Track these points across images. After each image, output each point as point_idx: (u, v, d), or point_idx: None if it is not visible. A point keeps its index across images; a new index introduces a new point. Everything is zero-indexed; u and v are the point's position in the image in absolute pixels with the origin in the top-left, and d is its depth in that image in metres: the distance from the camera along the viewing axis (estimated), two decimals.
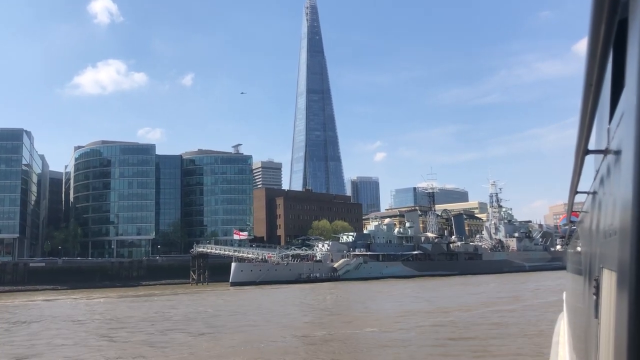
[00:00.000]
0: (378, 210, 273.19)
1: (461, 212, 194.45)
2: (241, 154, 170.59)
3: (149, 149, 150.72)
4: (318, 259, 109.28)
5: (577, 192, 5.26)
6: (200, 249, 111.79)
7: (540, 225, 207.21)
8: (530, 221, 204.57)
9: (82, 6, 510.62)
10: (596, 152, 3.47)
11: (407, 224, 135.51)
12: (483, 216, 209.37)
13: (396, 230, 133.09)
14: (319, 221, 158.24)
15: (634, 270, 1.72)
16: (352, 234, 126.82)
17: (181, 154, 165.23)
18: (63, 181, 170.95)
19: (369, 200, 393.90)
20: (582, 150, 3.58)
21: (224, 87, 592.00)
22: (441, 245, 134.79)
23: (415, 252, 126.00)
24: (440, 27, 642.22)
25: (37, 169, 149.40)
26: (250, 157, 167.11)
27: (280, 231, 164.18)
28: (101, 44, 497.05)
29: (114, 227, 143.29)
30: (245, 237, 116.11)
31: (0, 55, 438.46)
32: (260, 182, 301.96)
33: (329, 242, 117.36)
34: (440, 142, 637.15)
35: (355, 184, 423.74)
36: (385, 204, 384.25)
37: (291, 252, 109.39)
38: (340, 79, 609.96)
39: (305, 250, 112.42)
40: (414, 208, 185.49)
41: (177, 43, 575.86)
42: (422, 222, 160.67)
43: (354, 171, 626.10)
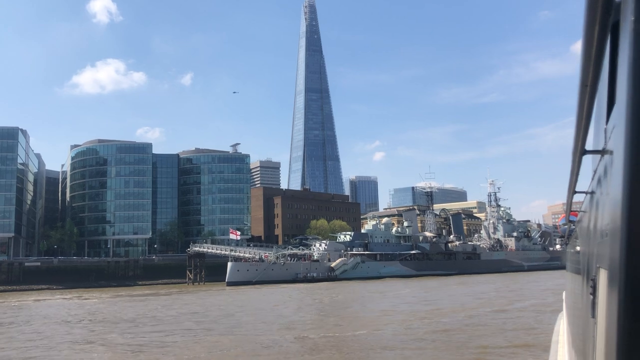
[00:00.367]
0: (377, 210, 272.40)
1: (459, 211, 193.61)
2: (239, 153, 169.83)
3: (145, 148, 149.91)
4: (315, 258, 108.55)
5: (576, 192, 5.34)
6: (197, 249, 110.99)
7: (539, 225, 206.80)
8: (529, 221, 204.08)
9: (82, 5, 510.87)
10: (593, 152, 3.48)
11: (405, 224, 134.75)
12: (481, 216, 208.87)
13: (394, 229, 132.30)
14: (316, 220, 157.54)
15: (624, 269, 1.76)
16: (349, 233, 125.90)
17: (178, 152, 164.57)
18: (60, 180, 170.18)
19: (368, 199, 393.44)
20: (580, 151, 3.60)
21: (223, 87, 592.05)
22: (439, 245, 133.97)
23: (413, 252, 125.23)
24: (440, 26, 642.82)
25: (34, 168, 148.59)
26: (247, 156, 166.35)
27: (278, 230, 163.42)
28: (100, 43, 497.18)
29: (110, 227, 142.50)
30: (241, 237, 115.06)
31: None
32: (258, 182, 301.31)
33: (326, 242, 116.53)
34: (439, 141, 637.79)
35: (353, 184, 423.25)
36: (384, 203, 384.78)
37: (288, 251, 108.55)
38: (339, 78, 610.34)
39: (303, 250, 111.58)
40: (412, 207, 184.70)
41: (176, 42, 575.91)
42: (420, 222, 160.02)
43: (352, 171, 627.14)
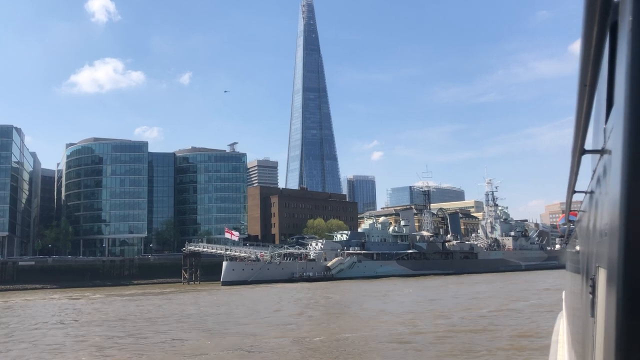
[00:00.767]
0: (374, 209, 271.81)
1: (457, 210, 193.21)
2: (235, 152, 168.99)
3: (141, 147, 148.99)
4: (311, 257, 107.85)
5: (575, 192, 5.30)
6: (192, 248, 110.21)
7: (537, 225, 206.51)
8: (527, 220, 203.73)
9: (80, 4, 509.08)
10: (593, 152, 3.48)
11: (402, 223, 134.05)
12: (479, 215, 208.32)
13: (391, 228, 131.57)
14: (314, 220, 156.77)
15: (623, 268, 1.77)
16: (346, 232, 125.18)
17: (175, 151, 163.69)
18: (55, 179, 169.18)
19: (366, 199, 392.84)
20: (579, 150, 3.59)
21: (221, 86, 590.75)
22: (436, 244, 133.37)
23: (410, 251, 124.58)
24: (438, 25, 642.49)
25: (29, 167, 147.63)
26: (244, 155, 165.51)
27: (275, 230, 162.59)
28: (98, 42, 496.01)
29: (105, 226, 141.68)
30: (236, 238, 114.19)
31: None
32: (256, 181, 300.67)
33: (322, 241, 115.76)
34: (437, 141, 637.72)
35: (351, 183, 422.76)
36: (382, 203, 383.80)
37: (284, 250, 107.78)
38: (337, 77, 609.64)
39: (299, 249, 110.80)
40: (410, 207, 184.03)
41: (175, 42, 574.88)
42: (417, 221, 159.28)
43: (350, 170, 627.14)
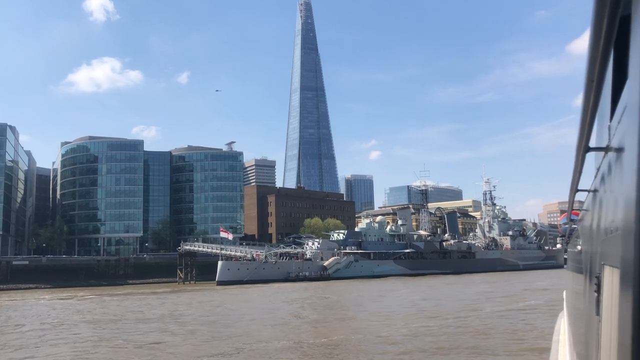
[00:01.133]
0: (372, 209, 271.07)
1: (455, 210, 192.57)
2: (232, 151, 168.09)
3: (137, 145, 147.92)
4: (308, 257, 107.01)
5: (578, 190, 5.20)
6: (188, 247, 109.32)
7: (535, 224, 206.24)
8: (525, 220, 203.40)
9: (78, 3, 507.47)
10: (597, 149, 3.45)
11: (400, 222, 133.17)
12: (477, 214, 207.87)
13: (388, 228, 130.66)
14: (311, 219, 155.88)
15: (638, 267, 1.73)
16: (342, 231, 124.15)
17: (171, 150, 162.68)
18: (51, 178, 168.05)
19: (363, 198, 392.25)
20: (583, 148, 3.54)
21: (219, 85, 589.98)
22: (434, 244, 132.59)
23: (408, 251, 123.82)
24: (436, 25, 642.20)
25: (24, 166, 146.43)
26: (241, 154, 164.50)
27: (272, 229, 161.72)
28: (96, 41, 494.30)
29: (101, 225, 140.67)
30: (231, 238, 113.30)
31: None
32: (254, 180, 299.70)
33: (319, 240, 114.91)
34: (435, 140, 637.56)
35: (349, 182, 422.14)
36: (380, 202, 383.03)
37: (280, 250, 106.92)
38: (335, 76, 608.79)
39: (295, 249, 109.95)
40: (407, 206, 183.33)
41: (173, 41, 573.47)
42: (415, 220, 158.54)
43: (348, 169, 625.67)
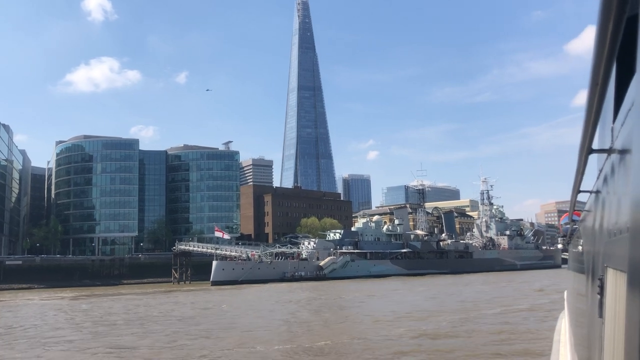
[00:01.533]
0: (369, 208, 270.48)
1: (452, 209, 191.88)
2: (228, 150, 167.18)
3: (132, 144, 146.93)
4: (304, 257, 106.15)
5: (580, 191, 5.19)
6: (183, 247, 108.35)
7: (532, 224, 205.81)
8: (522, 219, 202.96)
9: (76, 3, 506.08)
10: (600, 151, 3.47)
11: (396, 221, 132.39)
12: (474, 214, 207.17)
13: (385, 227, 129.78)
14: (307, 219, 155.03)
15: None
16: (339, 231, 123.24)
17: (166, 149, 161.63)
18: (46, 177, 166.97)
19: (361, 198, 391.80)
20: (586, 150, 3.54)
21: (217, 85, 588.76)
22: (431, 243, 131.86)
23: (404, 250, 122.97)
24: (434, 25, 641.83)
25: (18, 165, 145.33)
26: (237, 153, 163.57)
27: (268, 229, 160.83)
28: (95, 41, 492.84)
29: (96, 224, 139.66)
30: (228, 237, 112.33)
31: None
32: (251, 180, 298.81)
33: (315, 240, 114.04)
34: (432, 140, 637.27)
35: (346, 182, 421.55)
36: (377, 202, 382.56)
37: (275, 250, 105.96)
38: (333, 76, 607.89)
39: (291, 248, 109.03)
40: (404, 205, 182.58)
41: (171, 41, 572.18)
42: (412, 220, 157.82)
43: (346, 169, 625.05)
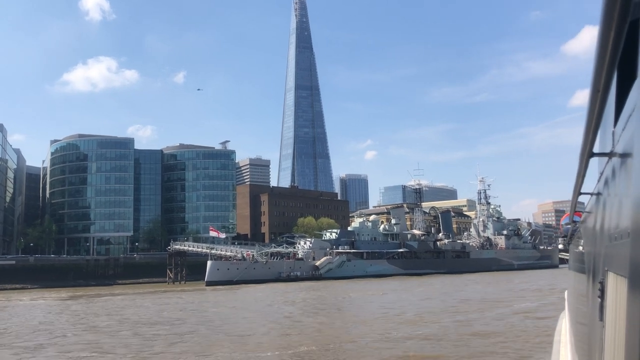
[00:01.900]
0: (367, 208, 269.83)
1: (449, 209, 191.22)
2: (224, 149, 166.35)
3: (127, 143, 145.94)
4: (299, 257, 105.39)
5: (581, 193, 5.23)
6: (178, 247, 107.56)
7: (529, 224, 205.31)
8: (519, 219, 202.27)
9: (74, 3, 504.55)
10: (601, 154, 3.51)
11: (393, 221, 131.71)
12: (471, 214, 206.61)
13: (381, 227, 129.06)
14: (304, 218, 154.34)
15: None
16: (335, 231, 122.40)
17: (162, 148, 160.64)
18: (40, 176, 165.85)
19: (358, 198, 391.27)
20: (587, 153, 3.58)
21: (216, 85, 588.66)
22: (428, 243, 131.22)
23: (401, 250, 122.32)
24: (432, 25, 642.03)
25: (12, 164, 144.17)
26: (233, 152, 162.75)
27: (265, 229, 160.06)
28: (92, 41, 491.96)
29: (91, 224, 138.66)
30: (223, 237, 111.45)
31: None
32: (248, 180, 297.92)
33: (311, 240, 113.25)
34: (430, 140, 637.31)
35: (344, 182, 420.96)
36: (375, 201, 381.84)
37: (271, 249, 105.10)
38: (331, 76, 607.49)
39: (287, 248, 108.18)
40: (401, 205, 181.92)
41: (169, 41, 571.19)
42: (409, 220, 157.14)
43: (343, 169, 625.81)
